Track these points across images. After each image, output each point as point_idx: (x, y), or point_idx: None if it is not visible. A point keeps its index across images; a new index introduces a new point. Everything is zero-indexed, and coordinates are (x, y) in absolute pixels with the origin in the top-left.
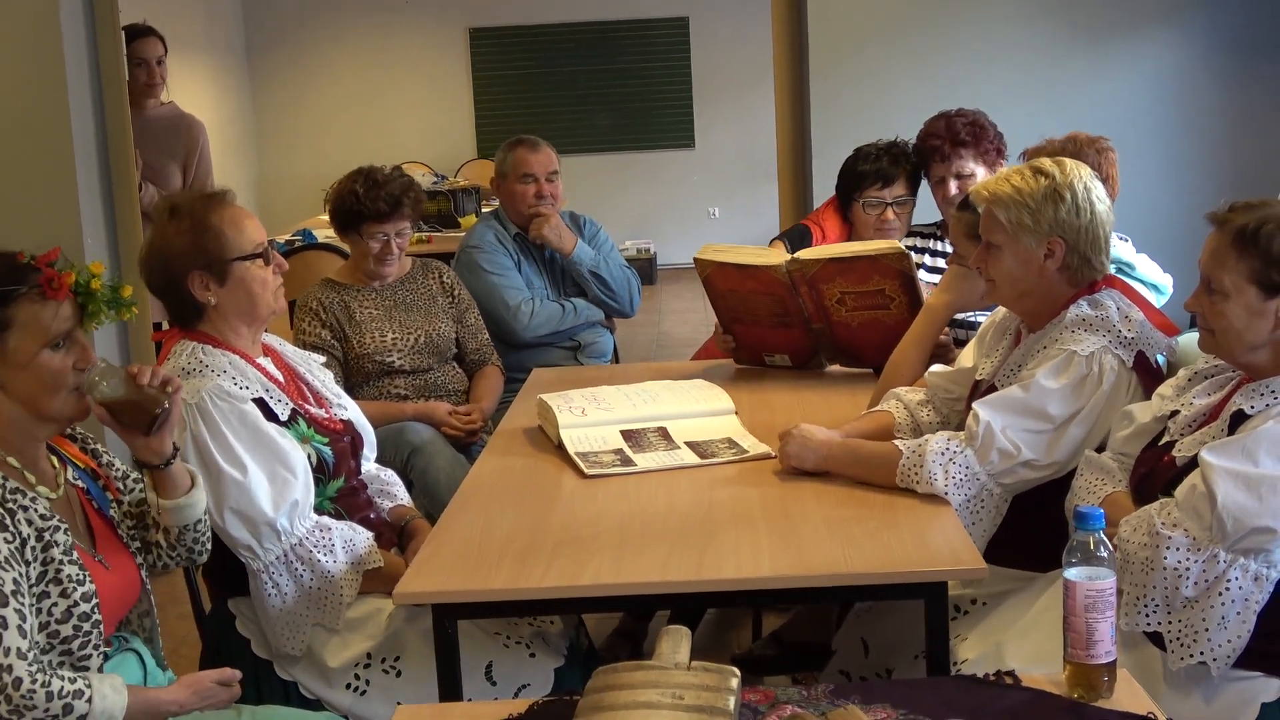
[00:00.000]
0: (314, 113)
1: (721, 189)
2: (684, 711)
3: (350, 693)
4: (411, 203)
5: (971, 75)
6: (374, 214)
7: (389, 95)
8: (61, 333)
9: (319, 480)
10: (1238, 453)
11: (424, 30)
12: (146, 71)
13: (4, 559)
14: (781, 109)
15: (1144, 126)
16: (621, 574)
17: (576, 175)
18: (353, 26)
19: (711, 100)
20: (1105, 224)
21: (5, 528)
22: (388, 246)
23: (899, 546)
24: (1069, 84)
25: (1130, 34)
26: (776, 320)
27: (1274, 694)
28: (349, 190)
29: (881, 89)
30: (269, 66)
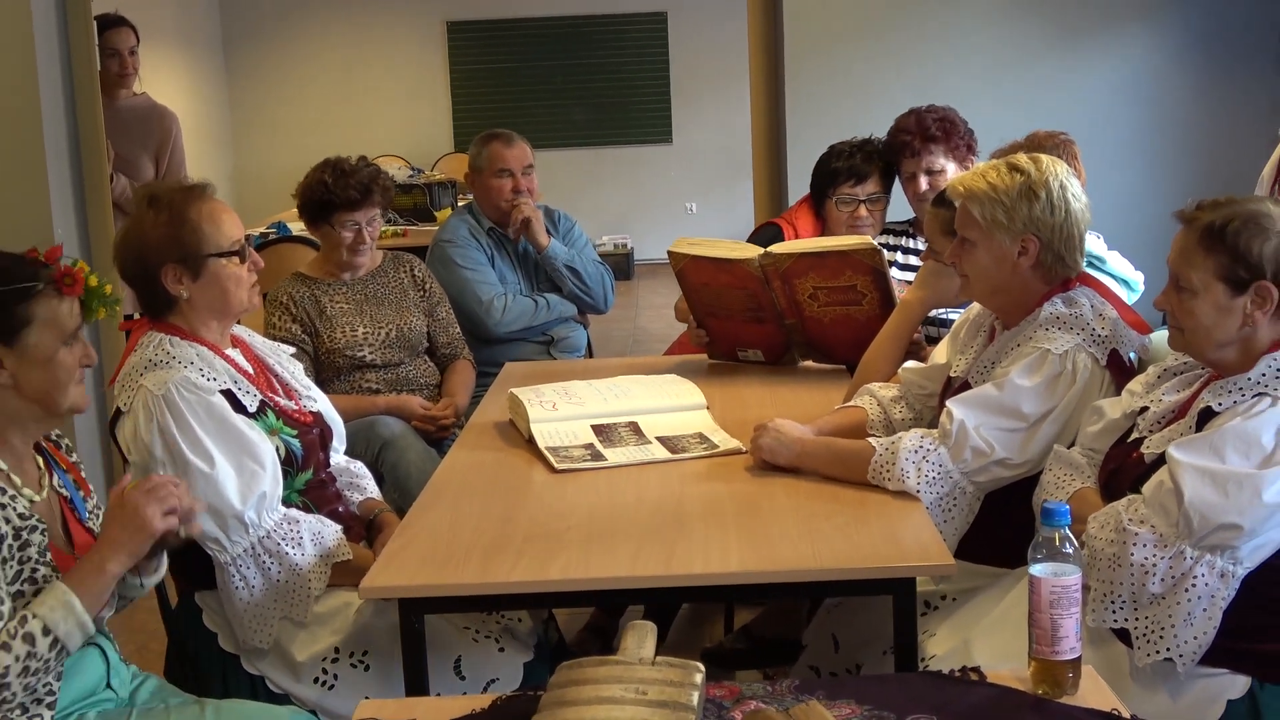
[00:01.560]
0: (290, 105)
1: (699, 184)
2: (647, 706)
3: (318, 687)
4: (380, 190)
5: (945, 72)
6: (345, 202)
7: (366, 88)
8: (75, 329)
9: (287, 473)
10: (1205, 449)
11: (402, 23)
12: (119, 62)
13: None
14: (756, 105)
15: (1116, 123)
16: (590, 568)
17: (554, 170)
18: (330, 19)
19: (689, 95)
20: (1080, 222)
21: None
22: (360, 235)
23: (868, 542)
24: (1041, 81)
25: (1103, 31)
26: (750, 315)
27: (1240, 691)
28: (318, 181)
29: (856, 85)
30: (245, 58)
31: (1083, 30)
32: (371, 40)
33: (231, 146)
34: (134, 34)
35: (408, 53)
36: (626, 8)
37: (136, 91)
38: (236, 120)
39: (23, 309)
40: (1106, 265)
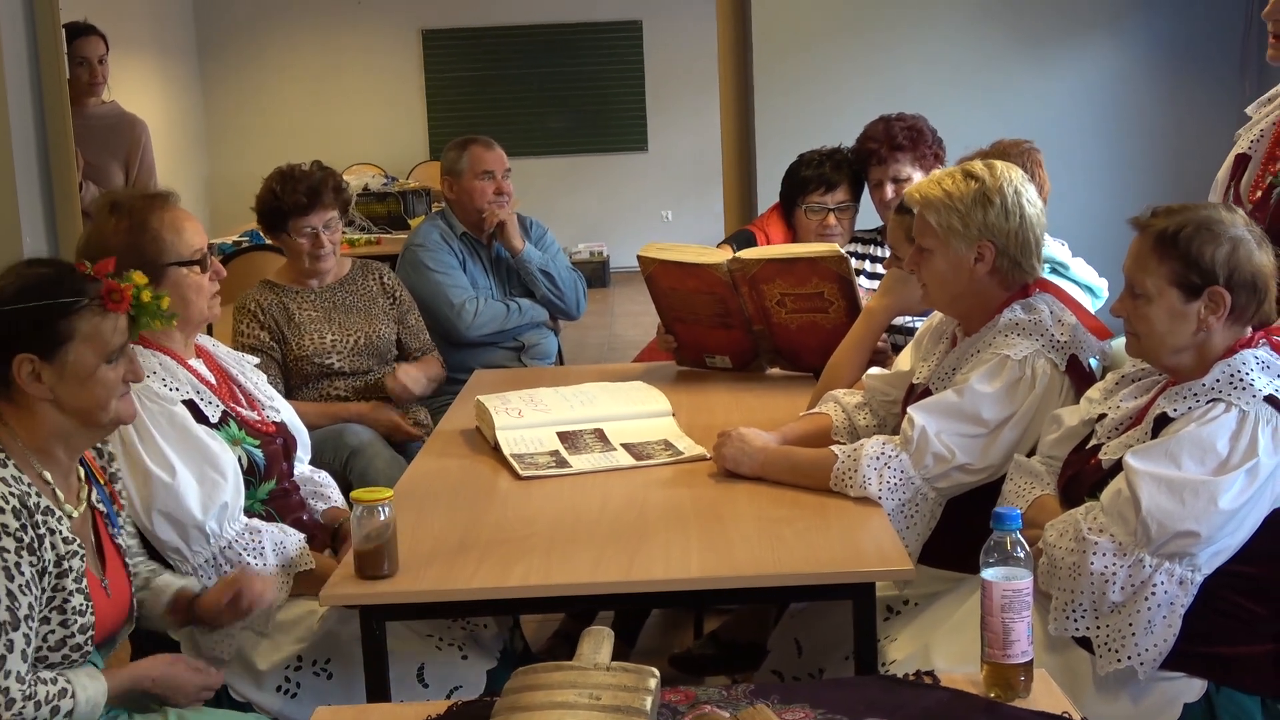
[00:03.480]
0: (265, 114)
1: (675, 192)
2: (600, 712)
3: (281, 695)
4: (331, 192)
5: (913, 80)
6: (294, 208)
7: (341, 96)
8: (119, 346)
9: (250, 482)
10: (1161, 456)
11: (377, 31)
12: (88, 70)
13: (26, 582)
14: (726, 114)
15: (1082, 130)
16: (551, 575)
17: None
18: (305, 27)
19: (665, 103)
20: (1036, 227)
21: (34, 551)
22: (318, 240)
23: (827, 548)
24: (1009, 88)
25: (1069, 40)
26: (718, 320)
27: (1196, 694)
28: (268, 191)
29: (825, 94)
30: (220, 67)
31: (1048, 39)
32: (346, 48)
33: (206, 154)
34: (104, 42)
35: (382, 61)
36: (602, 16)
37: (106, 100)
38: (211, 128)
39: (64, 324)
40: (1070, 272)
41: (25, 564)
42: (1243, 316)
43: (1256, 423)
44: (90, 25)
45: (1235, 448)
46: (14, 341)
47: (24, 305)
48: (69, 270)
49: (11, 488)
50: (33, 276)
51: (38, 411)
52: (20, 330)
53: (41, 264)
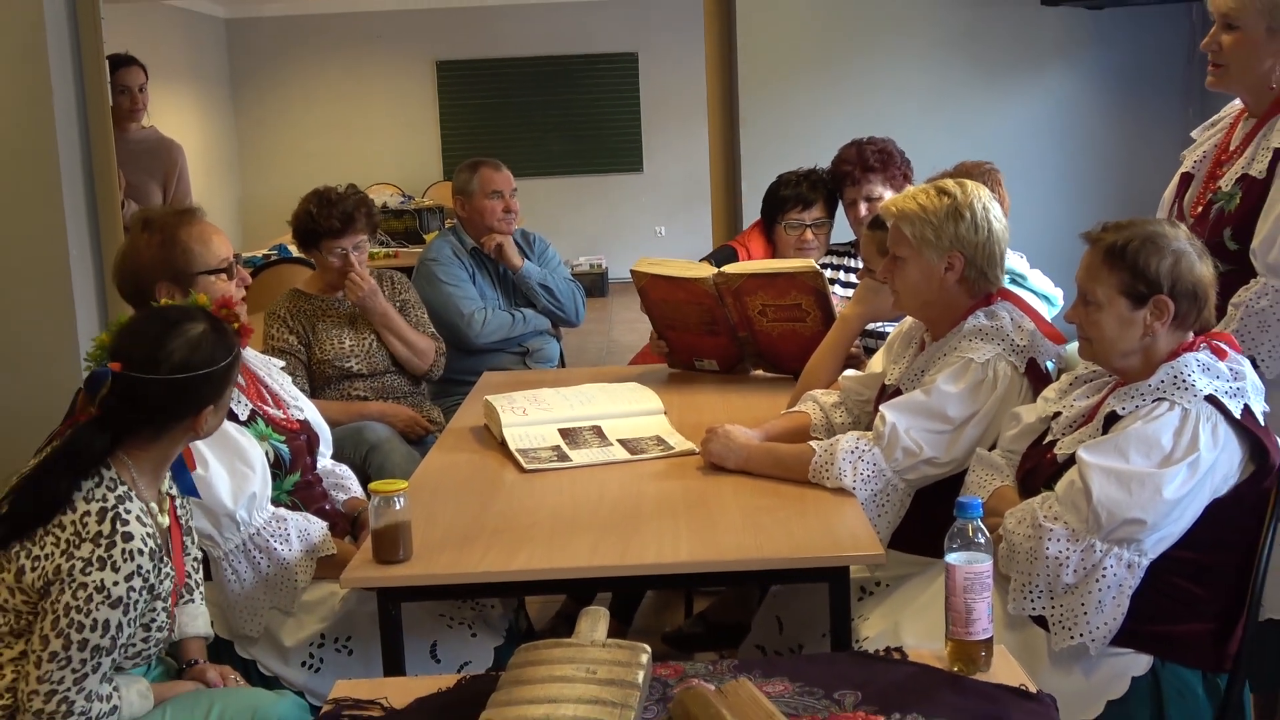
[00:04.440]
0: (292, 137)
1: (667, 209)
2: (596, 684)
3: (305, 670)
4: (364, 217)
5: (884, 107)
6: (329, 231)
7: (362, 121)
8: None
9: (276, 475)
10: (1111, 451)
11: (394, 62)
12: (129, 98)
13: (134, 617)
14: (713, 138)
15: (1038, 152)
16: (552, 559)
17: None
18: (329, 58)
19: (658, 128)
20: (1000, 241)
21: (153, 590)
22: (347, 260)
23: (805, 534)
24: (972, 114)
25: (1025, 70)
26: (705, 328)
27: (1143, 669)
28: (305, 211)
29: (803, 120)
30: (251, 94)
31: (1007, 69)
32: (367, 77)
33: (238, 175)
34: (143, 72)
35: (400, 89)
36: (601, 48)
37: (145, 125)
38: (243, 151)
39: (234, 371)
40: (1028, 282)
41: (142, 600)
42: (1185, 323)
43: (1198, 420)
44: (131, 56)
45: (1178, 443)
46: (208, 396)
47: (217, 367)
48: (215, 320)
49: (148, 528)
50: (197, 337)
51: (178, 444)
52: (212, 386)
53: (179, 318)
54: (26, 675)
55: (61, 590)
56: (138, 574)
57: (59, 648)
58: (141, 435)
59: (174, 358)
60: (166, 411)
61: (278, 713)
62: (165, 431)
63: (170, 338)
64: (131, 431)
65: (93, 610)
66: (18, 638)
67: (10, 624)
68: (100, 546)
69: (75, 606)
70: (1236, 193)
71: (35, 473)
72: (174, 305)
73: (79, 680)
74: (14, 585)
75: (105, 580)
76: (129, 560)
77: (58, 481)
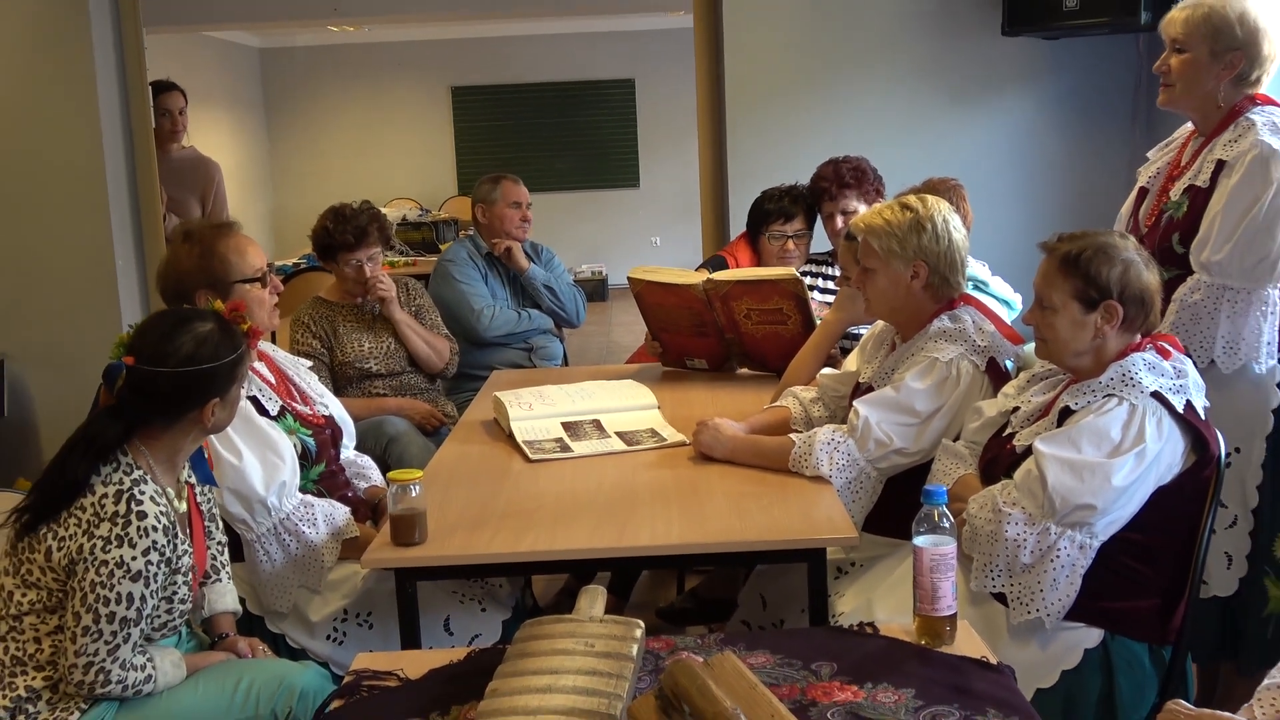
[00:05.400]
0: (321, 156)
1: (662, 221)
2: (594, 657)
3: (329, 643)
4: (377, 230)
5: (858, 128)
6: (343, 244)
7: (384, 141)
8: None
9: (304, 465)
10: (1064, 442)
11: (413, 88)
12: (170, 120)
13: (156, 589)
14: (703, 156)
15: (999, 169)
16: (555, 541)
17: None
18: (354, 84)
19: (653, 147)
20: (961, 249)
21: (171, 564)
22: (361, 270)
23: (786, 519)
24: (938, 135)
25: (988, 94)
26: (695, 330)
27: (1094, 641)
28: (322, 227)
29: (785, 140)
30: (283, 117)
31: (970, 93)
32: (388, 102)
33: (272, 190)
34: (183, 96)
35: (418, 112)
36: (601, 75)
37: (185, 145)
38: (276, 168)
39: (240, 370)
40: (990, 288)
41: (161, 574)
42: (1133, 325)
43: (1144, 414)
44: (172, 82)
45: (1126, 435)
46: (212, 390)
47: (222, 362)
48: (223, 321)
49: (162, 507)
50: (205, 334)
51: (189, 435)
52: (217, 381)
53: (190, 317)
54: (65, 650)
55: (85, 569)
56: (154, 549)
57: (90, 622)
58: (154, 425)
59: (181, 352)
60: (174, 403)
61: (303, 682)
62: (175, 422)
63: (179, 335)
64: (144, 421)
65: (115, 585)
66: (52, 613)
67: (44, 600)
68: (117, 525)
69: (99, 583)
70: (1184, 202)
71: (58, 459)
72: (188, 307)
73: (112, 651)
74: (44, 564)
75: (124, 556)
76: (144, 537)
77: (77, 466)
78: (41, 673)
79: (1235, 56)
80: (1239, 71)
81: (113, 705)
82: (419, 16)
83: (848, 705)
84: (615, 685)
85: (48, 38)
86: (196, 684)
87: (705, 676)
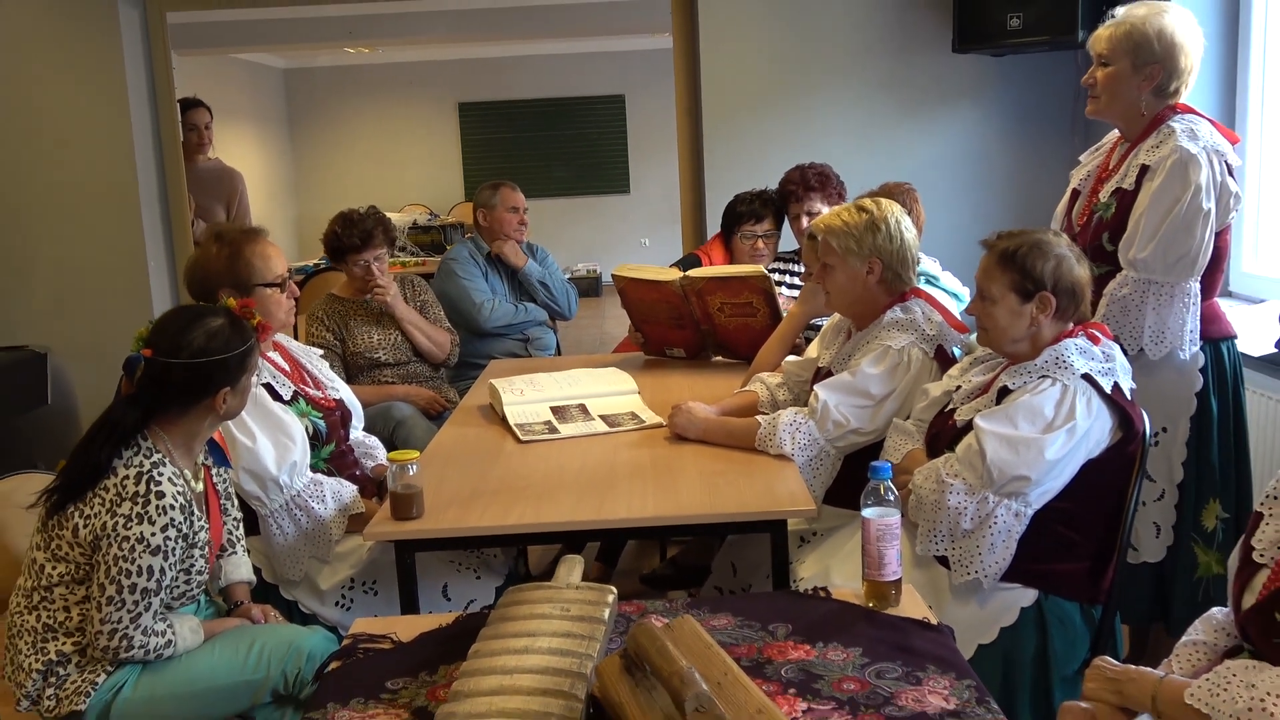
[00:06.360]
0: (339, 166)
1: (649, 224)
2: (569, 620)
3: (338, 609)
4: (382, 233)
5: (822, 137)
6: (351, 247)
7: (397, 153)
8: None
9: (315, 446)
10: (1002, 419)
11: (424, 104)
12: (197, 134)
13: (175, 561)
14: (683, 164)
15: (949, 174)
16: (541, 514)
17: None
18: (370, 100)
19: (642, 157)
20: (912, 247)
21: (188, 539)
22: (369, 270)
23: (752, 493)
24: (894, 143)
25: (940, 106)
26: (674, 322)
27: (1030, 601)
28: (332, 231)
29: (756, 149)
30: (305, 131)
31: (924, 105)
32: (401, 116)
33: (295, 198)
34: (208, 112)
35: (428, 126)
36: (594, 92)
37: (211, 156)
38: (298, 178)
39: (250, 360)
40: (940, 282)
41: (179, 548)
42: (1065, 315)
43: (1075, 394)
44: (198, 99)
45: (1059, 413)
46: (223, 379)
47: (232, 353)
48: (234, 316)
49: (179, 487)
50: (216, 328)
51: (204, 421)
52: (228, 371)
53: (203, 312)
54: (91, 618)
55: (109, 544)
56: (171, 525)
57: (113, 593)
58: (170, 411)
59: (193, 345)
60: (188, 391)
61: (310, 644)
62: (190, 409)
63: (192, 329)
64: (161, 408)
65: (136, 559)
66: (80, 584)
67: (73, 573)
68: (138, 504)
69: (122, 557)
70: (1112, 203)
71: (82, 444)
72: (202, 304)
73: (134, 619)
74: (72, 540)
75: (144, 532)
76: (163, 514)
77: (100, 451)
78: (71, 638)
79: (1154, 69)
80: (1158, 83)
81: (136, 667)
82: (428, 39)
83: (800, 663)
84: (587, 646)
85: (84, 61)
86: (213, 647)
87: (664, 638)
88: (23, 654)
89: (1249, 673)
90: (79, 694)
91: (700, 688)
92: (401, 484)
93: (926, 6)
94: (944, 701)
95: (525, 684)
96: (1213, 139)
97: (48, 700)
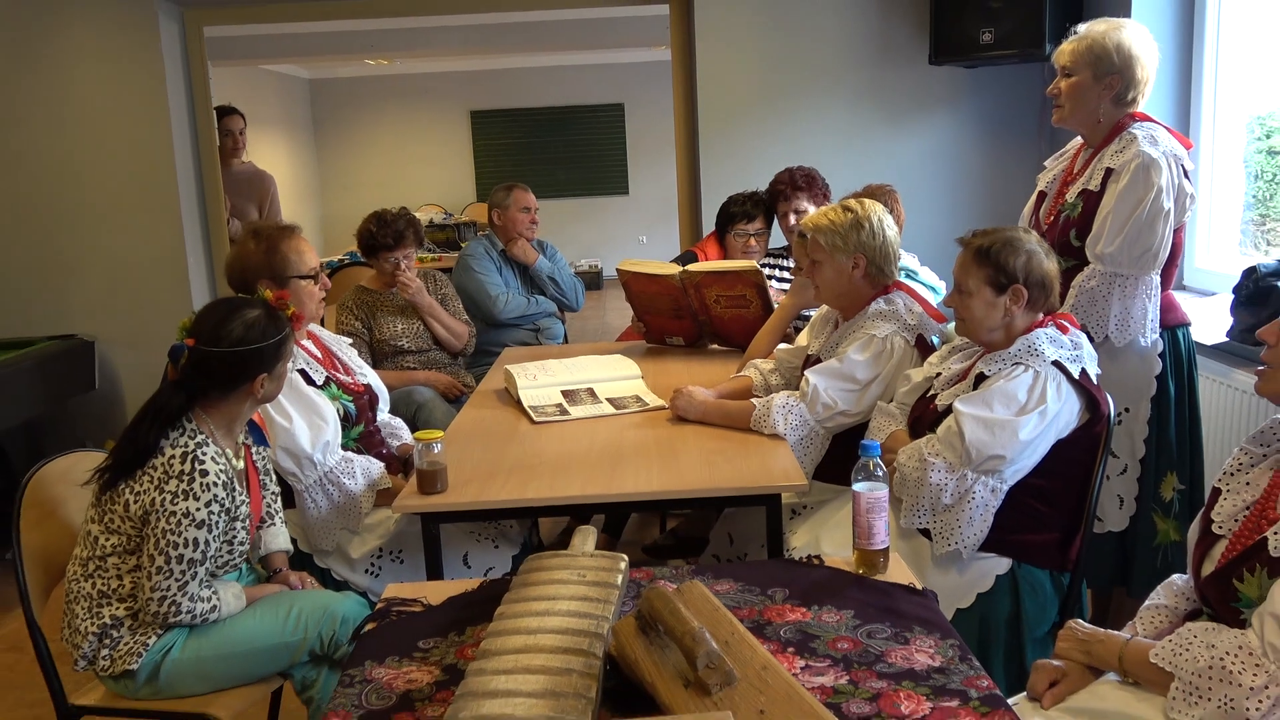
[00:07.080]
0: (362, 169)
1: (647, 223)
2: (585, 585)
3: (368, 575)
4: (412, 233)
5: (809, 142)
6: (384, 245)
7: (414, 157)
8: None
9: (345, 427)
10: (979, 403)
11: (439, 111)
12: (232, 139)
13: (218, 534)
14: (680, 167)
15: (928, 177)
16: (554, 489)
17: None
18: (389, 107)
19: (640, 161)
20: (894, 244)
21: (230, 513)
22: (398, 267)
23: (748, 469)
24: (876, 148)
25: (919, 113)
26: (673, 313)
27: (1004, 569)
28: (366, 229)
29: (748, 152)
30: (329, 136)
31: (904, 113)
32: (417, 123)
33: (321, 198)
34: (242, 119)
35: (443, 132)
36: (596, 100)
37: (244, 160)
38: (323, 180)
39: (286, 348)
40: (919, 277)
41: (221, 521)
42: (1036, 306)
43: (1046, 379)
44: (233, 107)
45: (1031, 397)
46: (260, 366)
47: (269, 342)
48: (270, 307)
49: (221, 465)
50: (253, 319)
51: (243, 404)
52: (265, 358)
53: (241, 304)
54: (142, 586)
55: (157, 519)
56: (215, 500)
57: (162, 563)
58: (212, 396)
59: (233, 334)
60: (228, 377)
61: (344, 609)
62: (230, 393)
63: (231, 319)
64: (203, 392)
65: (183, 531)
66: (131, 554)
67: (124, 544)
68: (183, 482)
69: (169, 530)
70: (1079, 203)
71: (132, 426)
72: (240, 295)
73: (182, 586)
74: (123, 514)
75: (190, 508)
76: (206, 491)
77: (148, 433)
78: (124, 604)
79: (1114, 79)
80: (1117, 92)
81: (184, 631)
82: (442, 51)
83: (797, 624)
84: (602, 609)
85: (129, 73)
86: (254, 612)
87: (676, 601)
88: (79, 618)
89: (1208, 634)
90: (131, 654)
91: (711, 646)
92: (427, 461)
93: (905, 22)
94: (930, 659)
95: (547, 643)
96: (1170, 145)
97: (103, 660)
